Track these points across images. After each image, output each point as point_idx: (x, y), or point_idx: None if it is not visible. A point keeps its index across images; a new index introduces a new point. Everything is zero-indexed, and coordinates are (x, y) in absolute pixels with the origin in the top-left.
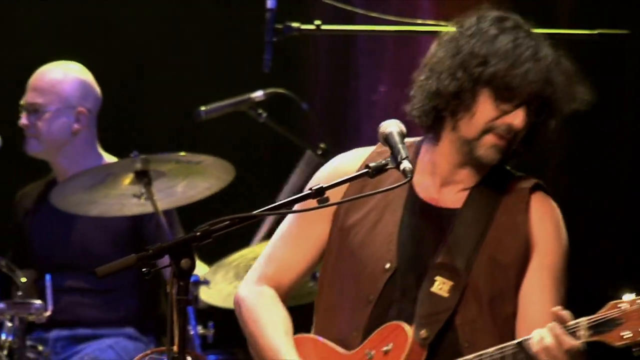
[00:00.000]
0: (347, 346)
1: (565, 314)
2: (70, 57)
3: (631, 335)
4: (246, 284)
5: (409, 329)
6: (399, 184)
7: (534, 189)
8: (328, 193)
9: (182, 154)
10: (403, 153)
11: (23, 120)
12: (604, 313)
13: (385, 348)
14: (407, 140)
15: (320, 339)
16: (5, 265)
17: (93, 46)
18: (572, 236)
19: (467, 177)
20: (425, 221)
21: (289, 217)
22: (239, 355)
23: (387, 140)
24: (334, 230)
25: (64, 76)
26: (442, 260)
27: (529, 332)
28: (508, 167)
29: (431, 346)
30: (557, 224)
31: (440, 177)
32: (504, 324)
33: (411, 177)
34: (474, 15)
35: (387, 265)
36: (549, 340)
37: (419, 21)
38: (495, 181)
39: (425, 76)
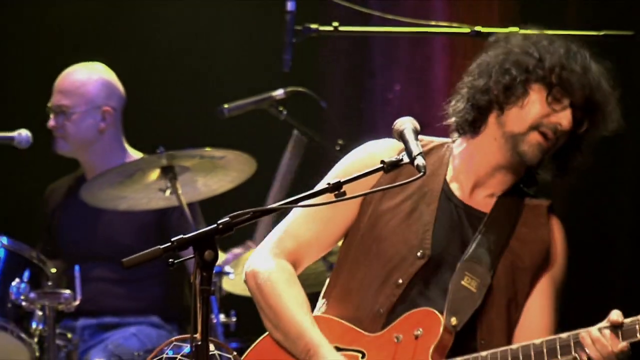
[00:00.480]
0: (366, 327)
1: (618, 315)
2: (98, 57)
3: None
4: (263, 256)
5: (439, 316)
6: (412, 178)
7: (551, 208)
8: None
9: (207, 149)
10: (417, 149)
11: (51, 122)
12: None
13: (416, 332)
14: (438, 139)
15: (335, 318)
16: (36, 256)
17: (123, 45)
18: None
19: (497, 184)
20: (457, 218)
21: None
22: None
23: (401, 136)
24: (364, 214)
25: (88, 77)
26: (471, 258)
27: (525, 335)
28: (521, 186)
29: (459, 336)
30: (566, 246)
31: (474, 177)
32: (512, 327)
33: (424, 173)
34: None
35: (420, 253)
36: (603, 338)
37: (433, 22)
38: (517, 195)
39: (473, 77)
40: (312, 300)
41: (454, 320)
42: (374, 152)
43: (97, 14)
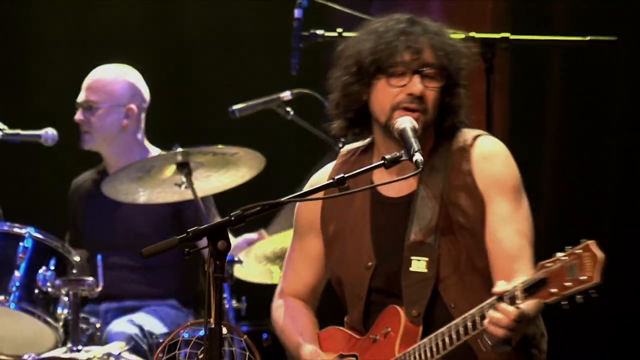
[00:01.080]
0: (357, 333)
1: (500, 287)
2: (122, 60)
3: (557, 290)
4: (274, 298)
5: (400, 310)
6: (413, 173)
7: (474, 140)
8: (309, 206)
9: (219, 146)
10: (415, 146)
11: (78, 115)
12: (533, 276)
13: (384, 331)
14: (357, 144)
15: (342, 328)
16: (61, 246)
17: (142, 50)
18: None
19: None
20: (390, 214)
21: (293, 237)
22: (269, 326)
23: (401, 135)
24: (325, 242)
25: (116, 77)
26: (413, 240)
27: (500, 263)
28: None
29: (425, 320)
30: (499, 160)
31: (394, 169)
32: (482, 276)
33: (422, 169)
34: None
35: (369, 264)
36: (496, 315)
37: None
38: (442, 151)
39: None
40: None
41: (414, 312)
42: (313, 179)
43: (121, 16)
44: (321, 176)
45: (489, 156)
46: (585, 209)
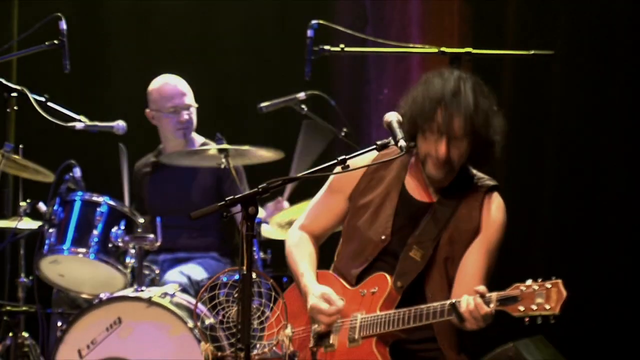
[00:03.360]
0: (348, 282)
1: (484, 289)
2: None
3: (524, 309)
4: (292, 230)
5: (389, 278)
6: (397, 155)
7: (489, 190)
8: (349, 176)
9: (246, 147)
10: (400, 135)
11: (185, 116)
12: (509, 292)
13: (372, 290)
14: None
15: (333, 274)
16: (129, 211)
17: (187, 59)
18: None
19: (442, 180)
20: (411, 209)
21: (325, 190)
22: (288, 272)
23: (389, 126)
24: (351, 206)
25: (185, 83)
26: (419, 235)
27: (462, 284)
28: (474, 171)
29: (405, 293)
30: (499, 213)
31: (424, 180)
32: (449, 281)
33: (405, 151)
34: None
35: (384, 237)
36: (472, 305)
37: (411, 45)
38: (462, 183)
39: (405, 108)
40: None
41: (399, 283)
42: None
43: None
44: (363, 159)
45: (497, 206)
46: (525, 199)
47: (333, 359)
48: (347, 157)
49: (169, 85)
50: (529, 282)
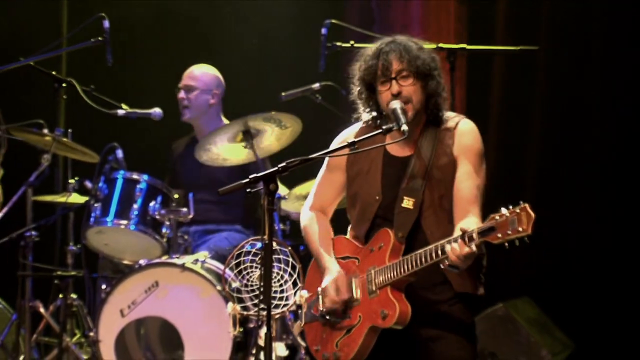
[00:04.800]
0: (360, 243)
1: (465, 227)
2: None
3: (501, 236)
4: (304, 211)
5: (391, 232)
6: (400, 139)
7: (457, 123)
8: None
9: (273, 112)
10: (403, 120)
11: (181, 94)
12: (486, 224)
13: (379, 245)
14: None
15: (348, 238)
16: (165, 187)
17: (217, 53)
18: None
19: (414, 132)
20: (394, 166)
21: (324, 170)
22: (304, 242)
23: (393, 113)
24: (347, 177)
25: (207, 71)
26: (406, 186)
27: (460, 205)
28: (446, 114)
29: (407, 241)
30: (471, 135)
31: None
32: (449, 215)
33: (406, 136)
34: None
35: (377, 197)
36: (456, 249)
37: None
38: (434, 128)
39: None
40: None
41: (400, 234)
42: (343, 136)
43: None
44: (349, 132)
45: (464, 133)
46: (513, 173)
47: (360, 311)
48: (356, 139)
49: (188, 69)
50: (502, 210)
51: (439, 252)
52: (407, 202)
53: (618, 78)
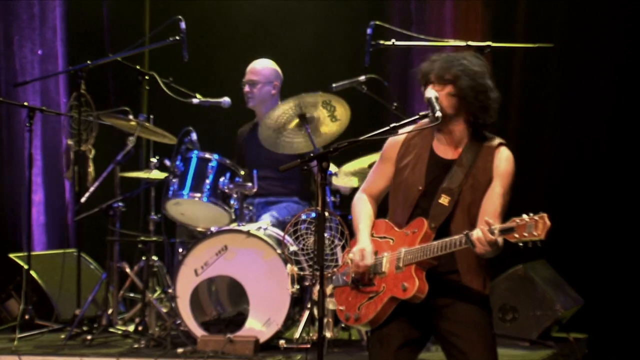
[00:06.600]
0: (397, 226)
1: (490, 221)
2: (266, 56)
3: (518, 237)
4: (358, 192)
5: (426, 221)
6: (434, 124)
7: (498, 145)
8: (394, 147)
9: (321, 93)
10: (437, 108)
11: (247, 88)
12: (507, 224)
13: (414, 230)
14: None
15: (386, 221)
16: (233, 165)
17: (275, 48)
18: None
19: (457, 141)
20: (438, 165)
21: (379, 160)
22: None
23: (429, 101)
24: (396, 168)
25: (267, 65)
26: (446, 186)
27: (488, 216)
28: (486, 134)
29: (437, 231)
30: (508, 163)
31: (446, 142)
32: (473, 220)
33: (439, 121)
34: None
35: (420, 188)
36: (480, 234)
37: (445, 40)
38: (477, 143)
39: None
40: None
41: (433, 225)
42: (391, 140)
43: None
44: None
45: (504, 159)
46: (532, 155)
47: (384, 282)
48: (397, 124)
49: (250, 65)
50: (523, 216)
51: (462, 242)
52: (444, 200)
53: (625, 75)
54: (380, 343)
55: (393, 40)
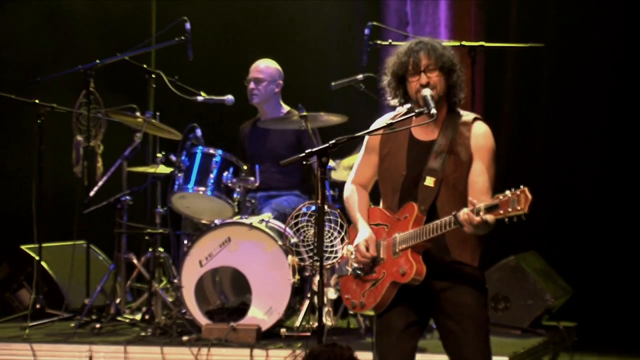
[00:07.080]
0: (390, 212)
1: (474, 201)
2: (267, 55)
3: (503, 212)
4: (346, 184)
5: (415, 205)
6: (428, 120)
7: (474, 120)
8: (376, 136)
9: (322, 113)
10: (432, 105)
11: (252, 85)
12: (491, 202)
13: (405, 215)
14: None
15: (379, 208)
16: (236, 160)
17: (277, 49)
18: None
19: (438, 122)
20: (418, 148)
21: (363, 151)
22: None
23: (423, 99)
24: (379, 157)
25: (271, 64)
26: (429, 166)
27: (474, 195)
28: (459, 110)
29: (427, 213)
30: (485, 137)
31: (424, 125)
32: (461, 197)
33: (434, 118)
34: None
35: (403, 173)
36: (465, 215)
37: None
38: (453, 120)
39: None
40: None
41: (422, 207)
42: (378, 122)
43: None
44: (385, 118)
45: (480, 133)
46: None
47: (384, 268)
48: (394, 120)
49: (255, 64)
50: (505, 192)
51: (452, 223)
52: (429, 181)
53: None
54: (384, 329)
55: (390, 40)
